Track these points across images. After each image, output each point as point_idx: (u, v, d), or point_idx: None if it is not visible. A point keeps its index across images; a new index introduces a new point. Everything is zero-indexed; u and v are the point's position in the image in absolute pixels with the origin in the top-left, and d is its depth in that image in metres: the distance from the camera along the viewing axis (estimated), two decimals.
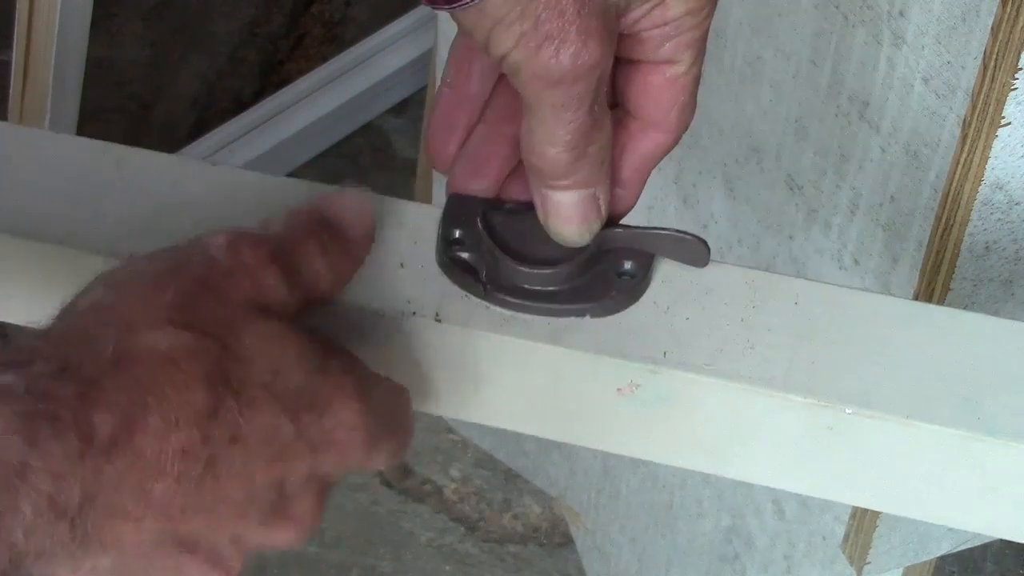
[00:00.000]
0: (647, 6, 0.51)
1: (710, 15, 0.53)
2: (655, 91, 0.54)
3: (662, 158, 0.56)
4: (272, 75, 2.01)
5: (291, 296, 0.50)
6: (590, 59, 0.49)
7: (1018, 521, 0.54)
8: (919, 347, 0.54)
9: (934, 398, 0.53)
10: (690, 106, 0.55)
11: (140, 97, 1.97)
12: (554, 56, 0.49)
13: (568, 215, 0.54)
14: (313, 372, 0.48)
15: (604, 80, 0.51)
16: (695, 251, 0.55)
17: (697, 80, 0.54)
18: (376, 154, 1.94)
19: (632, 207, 0.57)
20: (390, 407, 0.52)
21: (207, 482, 0.45)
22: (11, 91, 1.53)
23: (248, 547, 0.49)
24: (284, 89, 1.91)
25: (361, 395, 0.49)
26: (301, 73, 1.95)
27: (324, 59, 1.97)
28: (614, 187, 0.55)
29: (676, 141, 0.56)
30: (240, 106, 1.93)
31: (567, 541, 1.63)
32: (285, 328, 0.49)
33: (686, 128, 0.55)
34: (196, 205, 0.57)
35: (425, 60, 1.86)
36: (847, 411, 0.52)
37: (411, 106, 1.96)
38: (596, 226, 0.54)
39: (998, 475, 0.52)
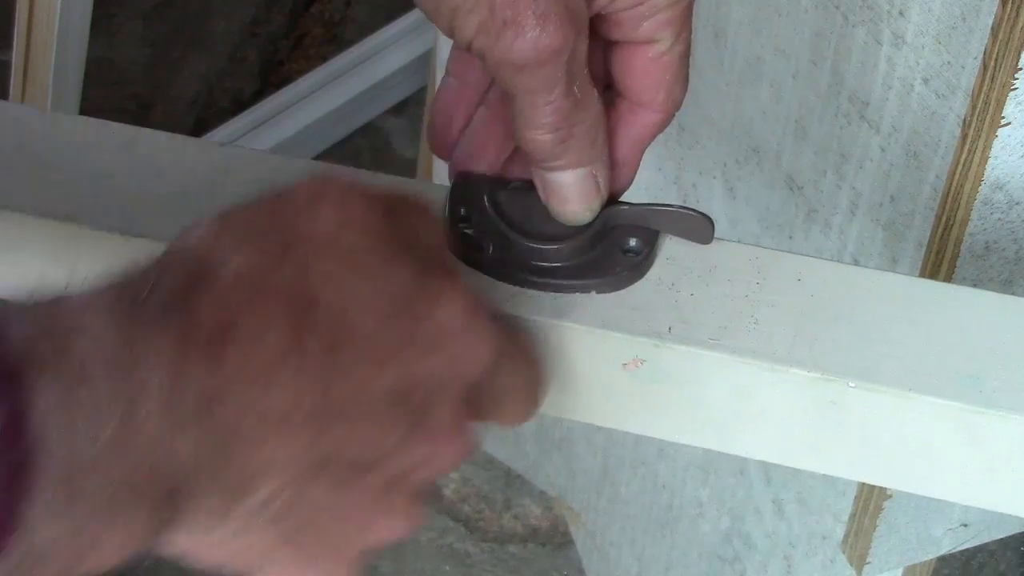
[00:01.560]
0: None
1: None
2: (639, 71, 0.53)
3: (655, 136, 0.56)
4: (272, 75, 2.01)
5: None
6: (550, 43, 0.49)
7: (1018, 495, 0.54)
8: (921, 322, 0.54)
9: (936, 372, 0.53)
10: (678, 84, 0.54)
11: (140, 97, 1.97)
12: (514, 42, 0.48)
13: (567, 195, 0.54)
14: (418, 272, 0.46)
15: (577, 61, 0.50)
16: (700, 228, 0.56)
17: (683, 57, 0.53)
18: (376, 154, 1.94)
19: (628, 186, 0.57)
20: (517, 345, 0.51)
21: (323, 388, 0.43)
22: (11, 91, 1.53)
23: (408, 471, 0.46)
24: (284, 89, 1.90)
25: (468, 294, 0.47)
26: (301, 73, 1.94)
27: (324, 59, 1.97)
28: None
29: (668, 119, 0.55)
30: (240, 106, 1.93)
31: (567, 541, 1.62)
32: (379, 243, 0.46)
33: (677, 106, 0.55)
34: (206, 183, 0.57)
35: (425, 60, 1.86)
36: (850, 385, 0.52)
37: (411, 106, 1.96)
38: (596, 204, 0.54)
39: (999, 448, 0.53)
